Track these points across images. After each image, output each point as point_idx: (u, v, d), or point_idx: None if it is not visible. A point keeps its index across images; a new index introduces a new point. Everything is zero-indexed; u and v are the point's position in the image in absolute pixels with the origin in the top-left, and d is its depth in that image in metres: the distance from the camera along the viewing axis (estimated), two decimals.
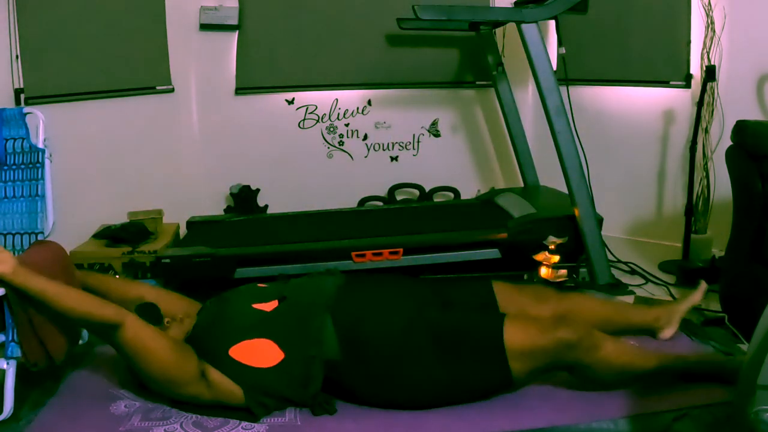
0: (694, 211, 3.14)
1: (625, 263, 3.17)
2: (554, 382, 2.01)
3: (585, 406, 1.87)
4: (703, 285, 2.34)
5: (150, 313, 1.97)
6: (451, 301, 2.04)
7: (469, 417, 1.84)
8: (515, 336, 1.82)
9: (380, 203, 3.87)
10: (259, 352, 1.87)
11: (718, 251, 3.03)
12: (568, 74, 3.04)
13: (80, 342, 2.33)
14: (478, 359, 1.84)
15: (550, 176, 3.40)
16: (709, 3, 3.10)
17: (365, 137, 3.90)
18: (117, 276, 2.95)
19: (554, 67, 2.89)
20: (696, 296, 2.31)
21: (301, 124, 3.83)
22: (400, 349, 1.86)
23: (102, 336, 1.87)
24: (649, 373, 1.92)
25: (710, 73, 2.97)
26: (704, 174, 3.16)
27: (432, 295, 2.05)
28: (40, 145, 2.32)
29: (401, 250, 2.89)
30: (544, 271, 2.81)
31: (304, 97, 3.80)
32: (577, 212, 2.85)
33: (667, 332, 2.22)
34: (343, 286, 2.05)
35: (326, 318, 1.91)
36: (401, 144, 3.94)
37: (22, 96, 3.03)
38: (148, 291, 2.16)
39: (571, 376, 1.93)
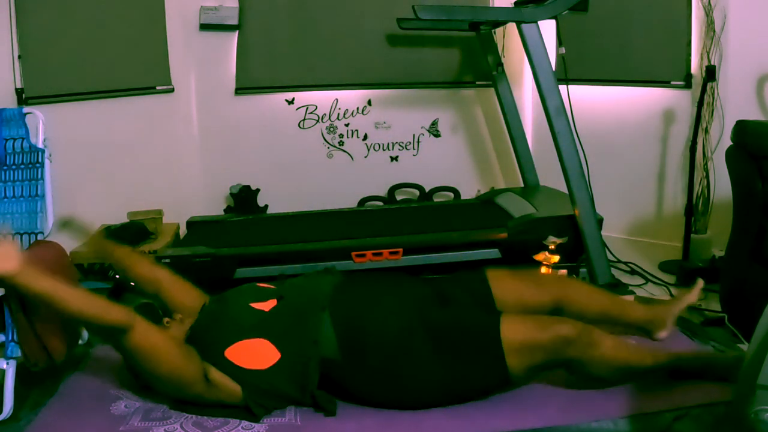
0: (694, 211, 3.14)
1: (625, 263, 3.17)
2: (554, 382, 2.02)
3: (585, 406, 1.87)
4: (700, 283, 2.27)
5: (149, 313, 1.97)
6: (448, 299, 2.03)
7: (469, 417, 1.84)
8: (512, 332, 1.82)
9: (380, 203, 3.87)
10: (255, 353, 1.87)
11: (718, 251, 3.02)
12: (568, 74, 3.04)
13: (80, 342, 2.33)
14: (475, 356, 1.84)
15: (550, 176, 3.40)
16: (709, 3, 3.10)
17: (365, 137, 3.90)
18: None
19: (554, 67, 2.89)
20: (692, 295, 2.24)
21: (301, 124, 3.83)
22: (398, 348, 1.86)
23: (107, 338, 1.84)
24: (645, 370, 1.93)
25: (710, 73, 2.97)
26: (704, 174, 3.16)
27: (429, 294, 2.04)
28: (40, 145, 2.33)
29: (401, 250, 2.89)
30: (544, 271, 2.81)
31: (304, 97, 3.80)
32: (577, 212, 2.85)
33: (663, 333, 2.18)
34: (340, 284, 2.05)
35: (324, 316, 1.91)
36: (401, 144, 3.95)
37: (23, 96, 3.03)
38: (165, 276, 2.14)
39: (569, 374, 1.93)
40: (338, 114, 3.85)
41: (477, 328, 1.87)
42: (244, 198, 3.71)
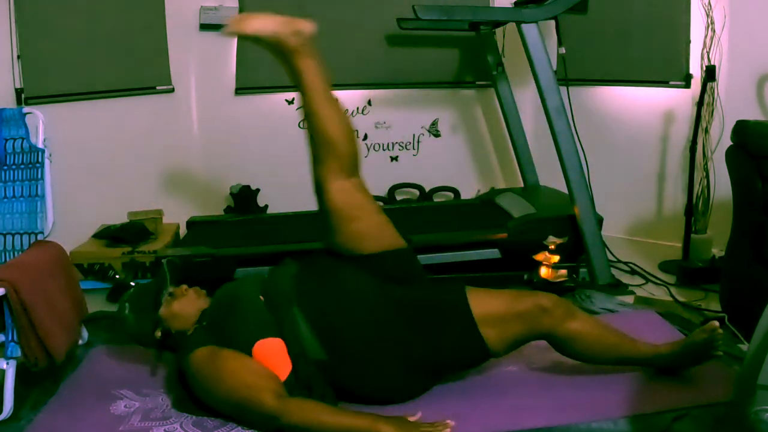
0: (694, 211, 3.14)
1: (625, 263, 3.17)
2: (554, 381, 2.02)
3: (585, 406, 1.87)
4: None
5: (172, 270, 1.99)
6: (408, 278, 2.01)
7: (469, 417, 1.84)
8: (481, 303, 1.84)
9: (380, 203, 3.86)
10: (274, 358, 1.83)
11: (718, 251, 3.03)
12: (568, 74, 3.04)
13: (80, 342, 2.33)
14: (450, 330, 1.85)
15: (550, 176, 3.40)
16: (709, 3, 3.10)
17: (365, 137, 3.90)
18: None
19: (554, 67, 2.89)
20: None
21: (301, 124, 3.82)
22: (373, 334, 1.86)
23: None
24: (627, 357, 1.96)
25: (710, 73, 2.97)
26: (704, 174, 3.16)
27: (377, 276, 1.98)
28: (40, 145, 2.33)
29: None
30: (544, 271, 2.81)
31: None
32: (577, 212, 2.85)
33: None
34: (297, 276, 2.00)
35: (296, 314, 1.88)
36: (401, 144, 3.94)
37: (23, 96, 3.03)
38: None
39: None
40: None
41: (446, 302, 1.89)
42: (244, 198, 3.71)
